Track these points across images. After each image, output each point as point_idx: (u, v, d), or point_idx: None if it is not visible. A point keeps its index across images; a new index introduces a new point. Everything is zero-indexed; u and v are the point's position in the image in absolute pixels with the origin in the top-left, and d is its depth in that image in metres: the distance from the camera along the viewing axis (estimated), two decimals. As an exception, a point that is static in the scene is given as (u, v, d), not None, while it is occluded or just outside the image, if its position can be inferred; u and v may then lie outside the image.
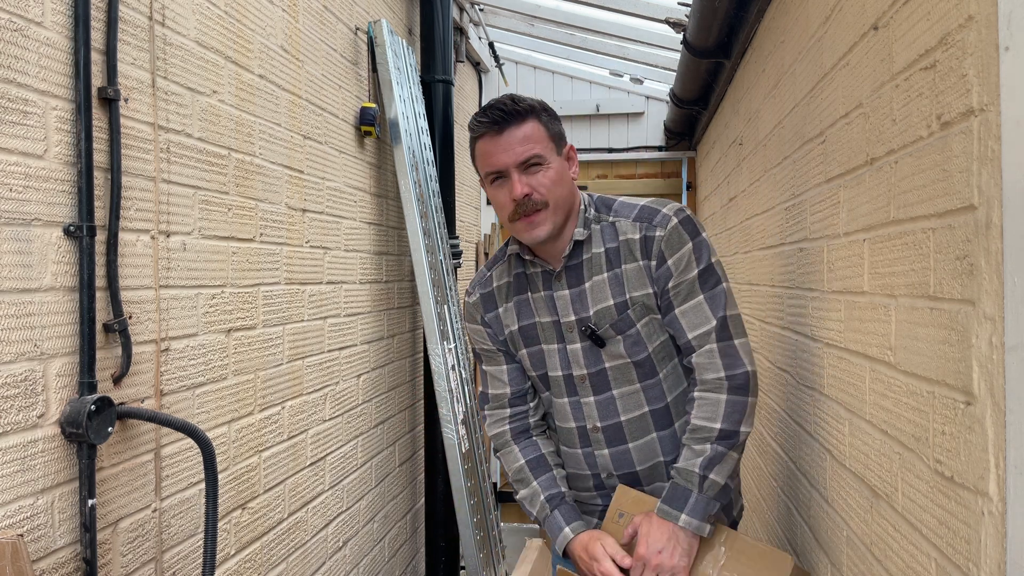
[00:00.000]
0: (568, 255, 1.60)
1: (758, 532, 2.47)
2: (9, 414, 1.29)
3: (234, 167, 1.99)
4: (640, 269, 1.55)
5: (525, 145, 1.51)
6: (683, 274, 1.52)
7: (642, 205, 1.59)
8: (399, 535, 3.36)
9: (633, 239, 1.55)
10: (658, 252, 1.53)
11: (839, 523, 1.45)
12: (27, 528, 1.33)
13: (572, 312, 1.60)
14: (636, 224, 1.56)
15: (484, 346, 1.75)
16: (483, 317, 1.73)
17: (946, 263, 0.93)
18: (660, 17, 3.50)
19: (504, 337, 1.71)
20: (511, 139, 1.51)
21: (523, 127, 1.51)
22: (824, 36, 1.56)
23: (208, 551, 1.64)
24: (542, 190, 1.52)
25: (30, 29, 1.33)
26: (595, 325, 1.58)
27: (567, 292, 1.60)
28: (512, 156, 1.51)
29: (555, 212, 1.54)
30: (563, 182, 1.56)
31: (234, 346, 2.00)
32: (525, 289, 1.68)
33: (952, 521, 0.92)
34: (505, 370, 1.74)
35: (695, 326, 1.52)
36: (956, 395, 0.90)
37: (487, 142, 1.53)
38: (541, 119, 1.54)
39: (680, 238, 1.52)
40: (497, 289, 1.72)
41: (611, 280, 1.57)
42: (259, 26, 2.12)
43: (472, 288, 1.77)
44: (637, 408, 1.60)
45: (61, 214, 1.40)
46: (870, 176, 1.25)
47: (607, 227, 1.59)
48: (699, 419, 1.50)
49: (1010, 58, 0.77)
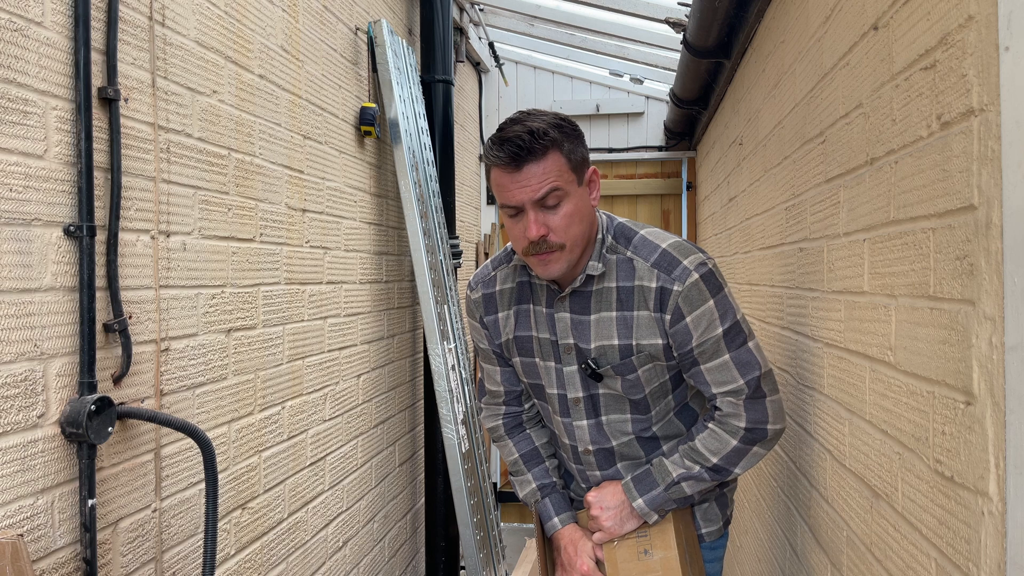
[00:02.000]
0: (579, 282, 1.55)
1: (758, 532, 2.47)
2: (9, 414, 1.29)
3: (234, 167, 1.99)
4: (652, 320, 1.48)
5: (543, 181, 1.40)
6: (707, 333, 1.45)
7: (663, 249, 1.49)
8: (399, 535, 3.36)
9: (649, 287, 1.47)
10: (675, 307, 1.45)
11: (839, 523, 1.45)
12: (27, 528, 1.33)
13: (571, 336, 1.56)
14: (654, 272, 1.47)
15: (481, 344, 1.75)
16: (482, 317, 1.71)
17: (946, 263, 0.93)
18: (660, 17, 3.50)
19: (500, 342, 1.70)
20: (529, 175, 1.40)
21: (542, 163, 1.39)
22: (824, 36, 1.56)
23: (208, 551, 1.64)
24: (559, 232, 1.43)
25: (30, 29, 1.33)
26: (595, 361, 1.54)
27: (568, 316, 1.56)
28: (528, 193, 1.40)
29: (571, 251, 1.46)
30: (582, 217, 1.46)
31: (234, 346, 2.00)
32: (528, 299, 1.64)
33: (952, 521, 0.92)
34: (499, 371, 1.75)
35: (721, 383, 1.48)
36: (956, 395, 0.90)
37: (502, 174, 1.43)
38: (563, 150, 1.42)
39: (700, 295, 1.44)
40: (499, 293, 1.68)
41: (619, 320, 1.51)
42: (259, 26, 2.12)
43: (475, 284, 1.73)
44: (624, 435, 1.62)
45: (61, 214, 1.40)
46: (870, 176, 1.25)
47: (623, 262, 1.51)
48: (702, 446, 1.52)
49: (1010, 58, 0.77)
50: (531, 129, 1.39)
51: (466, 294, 1.77)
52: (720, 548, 1.69)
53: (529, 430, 1.78)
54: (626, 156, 5.14)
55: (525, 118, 1.44)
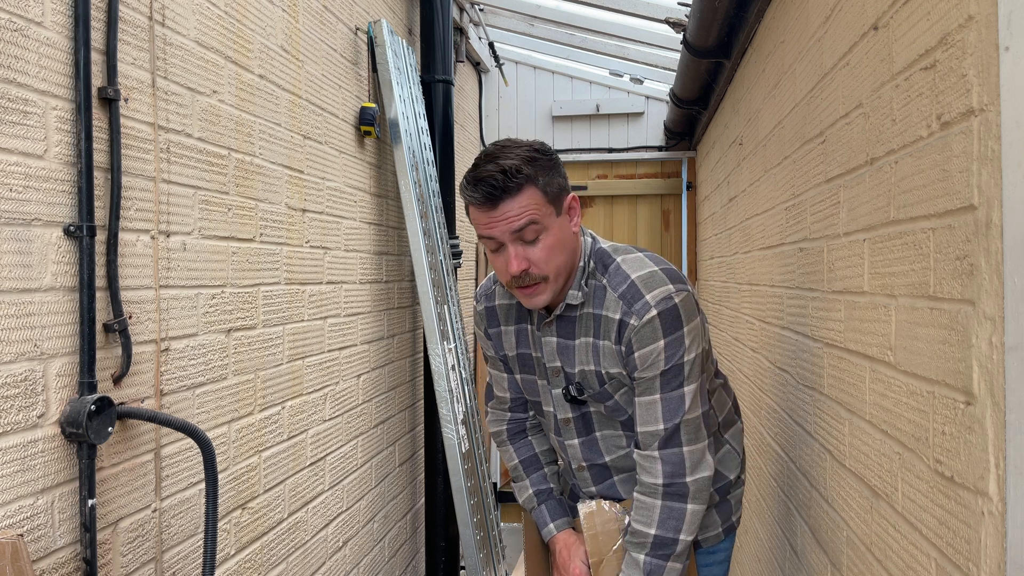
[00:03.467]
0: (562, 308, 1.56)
1: (758, 532, 2.47)
2: (9, 414, 1.29)
3: (234, 167, 1.99)
4: (613, 351, 1.50)
5: (520, 215, 1.41)
6: (647, 370, 1.46)
7: (632, 280, 1.48)
8: (399, 535, 3.36)
9: (612, 319, 1.48)
10: (627, 341, 1.46)
11: (839, 523, 1.45)
12: (27, 528, 1.33)
13: (557, 359, 1.59)
14: (619, 303, 1.48)
15: (488, 352, 1.78)
16: (487, 329, 1.74)
17: (946, 263, 0.93)
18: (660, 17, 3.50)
19: (504, 354, 1.73)
20: (505, 211, 1.41)
21: (518, 199, 1.40)
22: (824, 36, 1.56)
23: (208, 551, 1.64)
24: (540, 264, 1.44)
25: (30, 29, 1.33)
26: (578, 386, 1.57)
27: (554, 340, 1.58)
28: (505, 226, 1.41)
29: (555, 281, 1.48)
30: (563, 247, 1.47)
31: (234, 346, 2.00)
32: (526, 319, 1.66)
33: (952, 521, 0.92)
34: (506, 378, 1.77)
35: (645, 422, 1.48)
36: (956, 395, 0.90)
37: (479, 212, 1.44)
38: (538, 184, 1.42)
39: (653, 334, 1.43)
40: (499, 307, 1.71)
41: (592, 347, 1.53)
42: (259, 26, 2.12)
43: (479, 296, 1.76)
44: (618, 449, 1.62)
45: (61, 214, 1.40)
46: (870, 176, 1.25)
47: (598, 289, 1.52)
48: (635, 522, 1.50)
49: (1010, 58, 0.77)
50: (504, 168, 1.39)
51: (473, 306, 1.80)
52: (720, 552, 1.69)
53: (531, 437, 1.80)
54: (626, 156, 5.14)
55: (499, 154, 1.43)
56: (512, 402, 1.79)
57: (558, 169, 1.49)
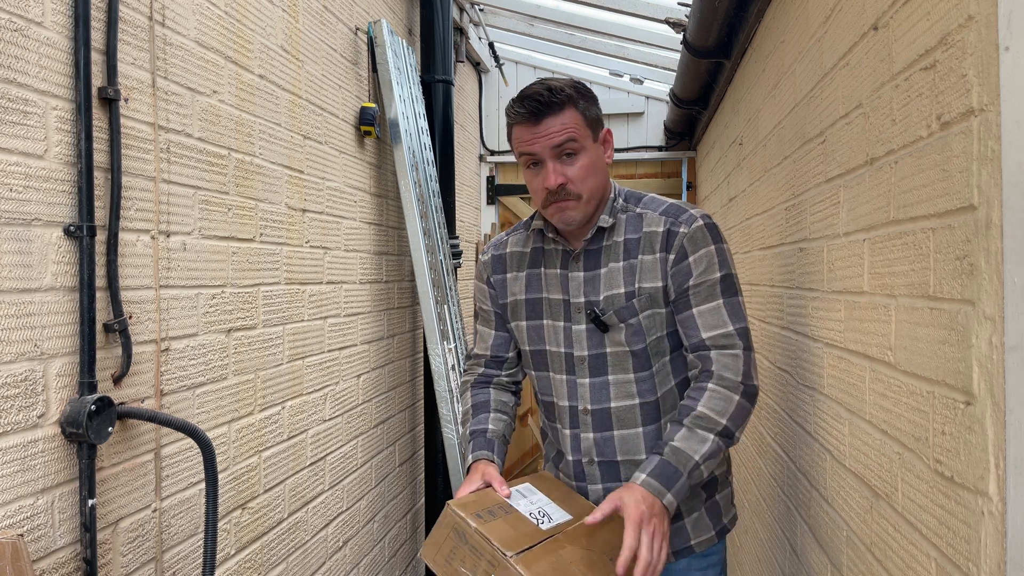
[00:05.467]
0: (590, 239, 1.63)
1: (758, 532, 2.47)
2: (9, 414, 1.29)
3: (234, 167, 1.99)
4: (656, 261, 1.57)
5: (561, 131, 1.52)
6: (704, 275, 1.53)
7: (671, 202, 1.62)
8: (399, 535, 3.36)
9: (656, 231, 1.57)
10: (679, 247, 1.55)
11: (839, 523, 1.45)
12: (27, 528, 1.33)
13: (583, 294, 1.63)
14: (662, 218, 1.58)
15: (483, 305, 1.82)
16: (489, 277, 1.78)
17: (946, 263, 0.93)
18: (660, 17, 3.50)
19: (505, 302, 1.76)
20: (548, 127, 1.52)
21: (560, 116, 1.52)
22: (824, 36, 1.56)
23: (208, 551, 1.64)
24: (576, 182, 1.54)
25: (30, 29, 1.33)
26: (602, 311, 1.60)
27: (581, 274, 1.63)
28: (547, 143, 1.52)
29: (588, 203, 1.57)
30: (597, 171, 1.59)
31: (234, 346, 2.00)
32: (539, 264, 1.71)
33: (952, 521, 0.92)
34: (492, 335, 1.81)
35: (713, 327, 1.53)
36: (956, 395, 0.90)
37: (523, 129, 1.55)
38: (578, 107, 1.54)
39: (704, 238, 1.54)
40: (510, 255, 1.76)
41: (625, 269, 1.60)
42: (259, 26, 2.12)
43: (487, 249, 1.82)
44: (628, 398, 1.63)
45: (61, 214, 1.40)
46: (870, 176, 1.25)
47: (632, 217, 1.62)
48: (708, 409, 1.49)
49: (1010, 58, 0.77)
50: (549, 86, 1.52)
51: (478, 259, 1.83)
52: (714, 555, 1.67)
53: (492, 388, 1.84)
54: (626, 156, 5.14)
55: (544, 80, 1.57)
56: (489, 358, 1.82)
57: (597, 103, 1.61)
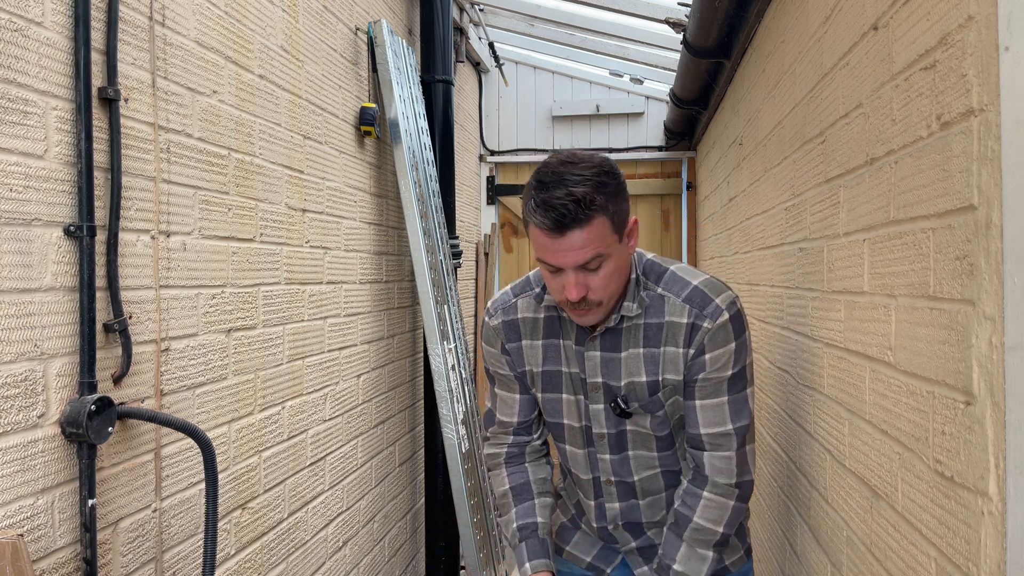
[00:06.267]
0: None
1: (758, 532, 2.47)
2: (9, 414, 1.29)
3: (234, 167, 1.99)
4: (679, 355, 1.49)
5: (586, 247, 1.37)
6: (717, 371, 1.47)
7: (695, 286, 1.49)
8: (399, 535, 3.36)
9: (680, 323, 1.48)
10: (700, 343, 1.47)
11: (839, 523, 1.45)
12: (27, 528, 1.33)
13: (600, 375, 1.55)
14: (686, 307, 1.48)
15: (501, 371, 1.70)
16: (504, 344, 1.67)
17: (946, 263, 0.93)
18: (660, 17, 3.50)
19: (523, 371, 1.66)
20: (572, 241, 1.37)
21: (586, 230, 1.36)
22: (824, 36, 1.56)
23: (208, 551, 1.64)
24: (598, 292, 1.42)
25: (30, 29, 1.33)
26: (624, 399, 1.54)
27: (598, 355, 1.54)
28: (571, 258, 1.39)
29: (607, 305, 1.46)
30: (621, 273, 1.46)
31: (234, 346, 2.00)
32: (557, 333, 1.60)
33: (952, 521, 0.92)
34: (518, 399, 1.69)
35: (712, 424, 1.49)
36: (956, 395, 0.90)
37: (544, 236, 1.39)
38: (607, 213, 1.37)
39: (726, 336, 1.46)
40: (523, 321, 1.64)
41: (647, 357, 1.51)
42: (259, 26, 2.12)
43: (494, 311, 1.69)
44: (650, 469, 1.60)
45: (61, 214, 1.40)
46: (870, 176, 1.25)
47: (654, 298, 1.51)
48: (705, 520, 1.50)
49: (1010, 58, 0.77)
50: (576, 198, 1.34)
51: (483, 321, 1.72)
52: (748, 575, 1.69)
53: (528, 463, 1.72)
54: (626, 156, 5.14)
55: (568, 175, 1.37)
56: (518, 425, 1.70)
57: (624, 192, 1.44)
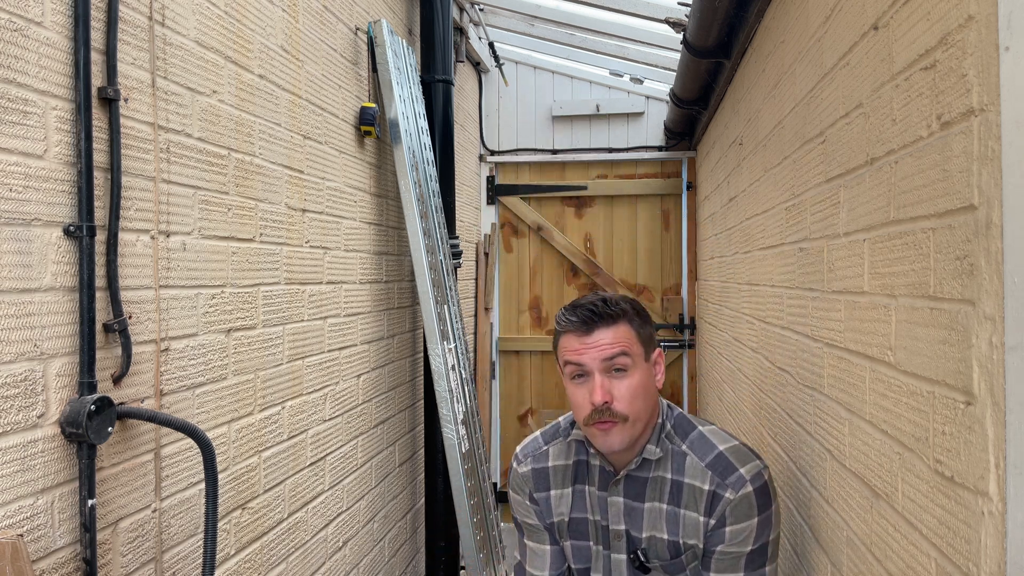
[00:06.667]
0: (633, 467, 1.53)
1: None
2: (9, 414, 1.29)
3: (234, 167, 1.99)
4: (699, 524, 1.48)
5: (613, 344, 1.44)
6: (736, 546, 1.45)
7: (720, 451, 1.49)
8: (399, 535, 3.36)
9: (701, 489, 1.47)
10: (721, 515, 1.45)
11: (839, 523, 1.45)
12: (27, 528, 1.33)
13: (622, 522, 1.54)
14: (707, 473, 1.47)
15: (529, 521, 1.68)
16: (532, 493, 1.65)
17: (946, 263, 0.93)
18: (660, 17, 3.50)
19: (552, 521, 1.64)
20: (599, 338, 1.44)
21: (613, 329, 1.44)
22: (824, 36, 1.56)
23: (208, 551, 1.64)
24: (623, 402, 1.44)
25: (30, 29, 1.33)
26: (644, 554, 1.52)
27: (621, 500, 1.53)
28: (597, 354, 1.44)
29: (632, 425, 1.46)
30: (646, 393, 1.48)
31: (234, 346, 2.00)
32: (583, 479, 1.59)
33: (952, 521, 0.92)
34: (548, 551, 1.67)
35: None
36: (956, 395, 0.90)
37: (572, 338, 1.46)
38: (633, 323, 1.47)
39: (748, 509, 1.44)
40: (553, 469, 1.63)
41: (669, 515, 1.50)
42: (259, 26, 2.12)
43: (523, 457, 1.68)
44: None
45: (61, 214, 1.40)
46: (870, 176, 1.25)
47: (676, 454, 1.51)
48: None
49: (1010, 58, 0.77)
50: (605, 298, 1.47)
51: (511, 467, 1.71)
52: None
53: None
54: (626, 156, 5.14)
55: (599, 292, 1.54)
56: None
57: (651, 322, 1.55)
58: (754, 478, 1.45)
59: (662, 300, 5.13)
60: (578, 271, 5.19)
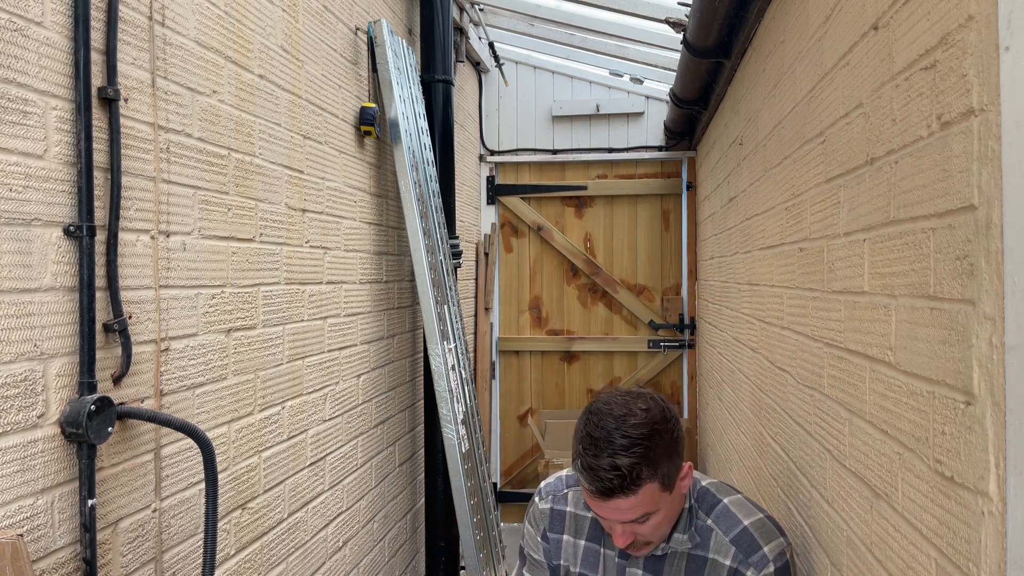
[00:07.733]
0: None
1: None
2: (9, 414, 1.29)
3: (234, 167, 1.99)
4: None
5: (634, 510, 1.39)
6: None
7: (745, 527, 1.49)
8: (399, 535, 3.36)
9: (723, 564, 1.47)
10: None
11: (839, 523, 1.45)
12: (27, 528, 1.33)
13: None
14: (731, 549, 1.47)
15: (535, 556, 1.70)
16: (546, 531, 1.66)
17: (946, 263, 0.93)
18: (660, 17, 3.50)
19: (557, 563, 1.65)
20: (617, 505, 1.39)
21: (631, 498, 1.37)
22: (824, 36, 1.56)
23: (208, 551, 1.64)
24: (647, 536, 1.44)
25: (30, 29, 1.33)
26: None
27: (640, 572, 1.54)
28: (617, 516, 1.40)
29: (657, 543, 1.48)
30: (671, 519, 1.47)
31: (234, 346, 2.00)
32: (599, 539, 1.59)
33: (952, 521, 0.92)
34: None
35: None
36: (956, 395, 0.90)
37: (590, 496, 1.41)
38: (656, 479, 1.38)
39: None
40: (570, 516, 1.64)
41: None
42: (259, 26, 2.12)
43: (545, 494, 1.69)
44: None
45: (61, 214, 1.40)
46: (870, 176, 1.25)
47: (703, 529, 1.51)
48: None
49: (1010, 58, 0.77)
50: (622, 473, 1.34)
51: (532, 500, 1.72)
52: None
53: None
54: (626, 156, 5.14)
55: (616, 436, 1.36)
56: None
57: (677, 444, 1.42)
58: (776, 557, 1.46)
59: (662, 300, 5.13)
60: (578, 271, 5.19)
